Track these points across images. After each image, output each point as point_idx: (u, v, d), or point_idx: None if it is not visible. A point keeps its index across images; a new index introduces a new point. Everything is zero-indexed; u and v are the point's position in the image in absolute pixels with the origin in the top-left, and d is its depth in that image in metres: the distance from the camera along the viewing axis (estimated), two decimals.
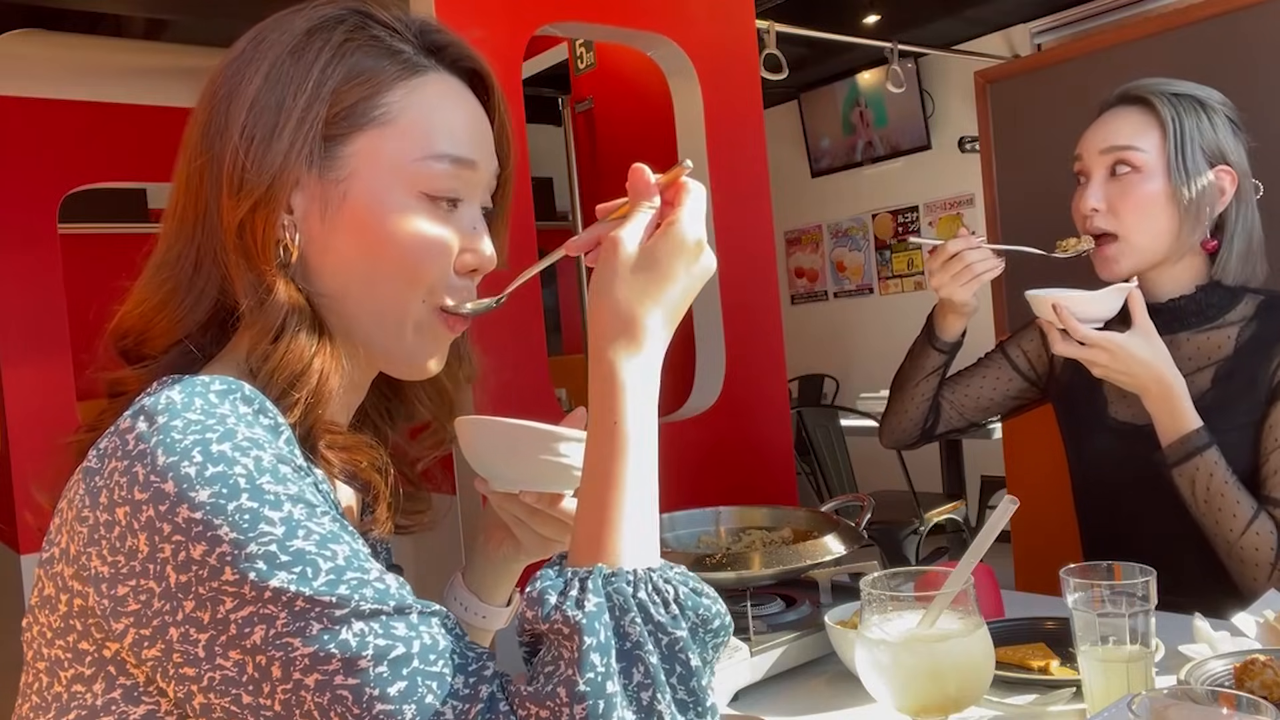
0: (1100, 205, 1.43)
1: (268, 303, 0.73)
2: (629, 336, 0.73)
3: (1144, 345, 1.33)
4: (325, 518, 0.65)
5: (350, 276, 0.77)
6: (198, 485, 0.62)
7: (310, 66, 0.75)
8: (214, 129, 0.75)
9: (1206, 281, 1.45)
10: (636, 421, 0.71)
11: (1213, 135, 1.41)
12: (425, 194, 0.77)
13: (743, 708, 1.13)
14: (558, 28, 2.12)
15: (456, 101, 0.80)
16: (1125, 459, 1.46)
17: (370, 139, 0.76)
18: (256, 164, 0.73)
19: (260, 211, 0.73)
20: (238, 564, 0.61)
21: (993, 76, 2.17)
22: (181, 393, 0.67)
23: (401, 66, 0.77)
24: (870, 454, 4.54)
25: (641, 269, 0.74)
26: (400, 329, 0.79)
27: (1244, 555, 1.32)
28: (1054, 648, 1.13)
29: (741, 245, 2.20)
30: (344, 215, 0.75)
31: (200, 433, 0.64)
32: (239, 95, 0.75)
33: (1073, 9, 4.99)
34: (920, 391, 1.64)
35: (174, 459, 0.63)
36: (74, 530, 0.66)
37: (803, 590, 1.34)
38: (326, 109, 0.75)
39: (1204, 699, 0.69)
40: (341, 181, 0.75)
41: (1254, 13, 1.75)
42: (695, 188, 0.78)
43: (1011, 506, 0.90)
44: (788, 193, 6.23)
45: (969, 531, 4.15)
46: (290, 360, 0.73)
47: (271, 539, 0.62)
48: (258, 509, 0.62)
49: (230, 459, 0.63)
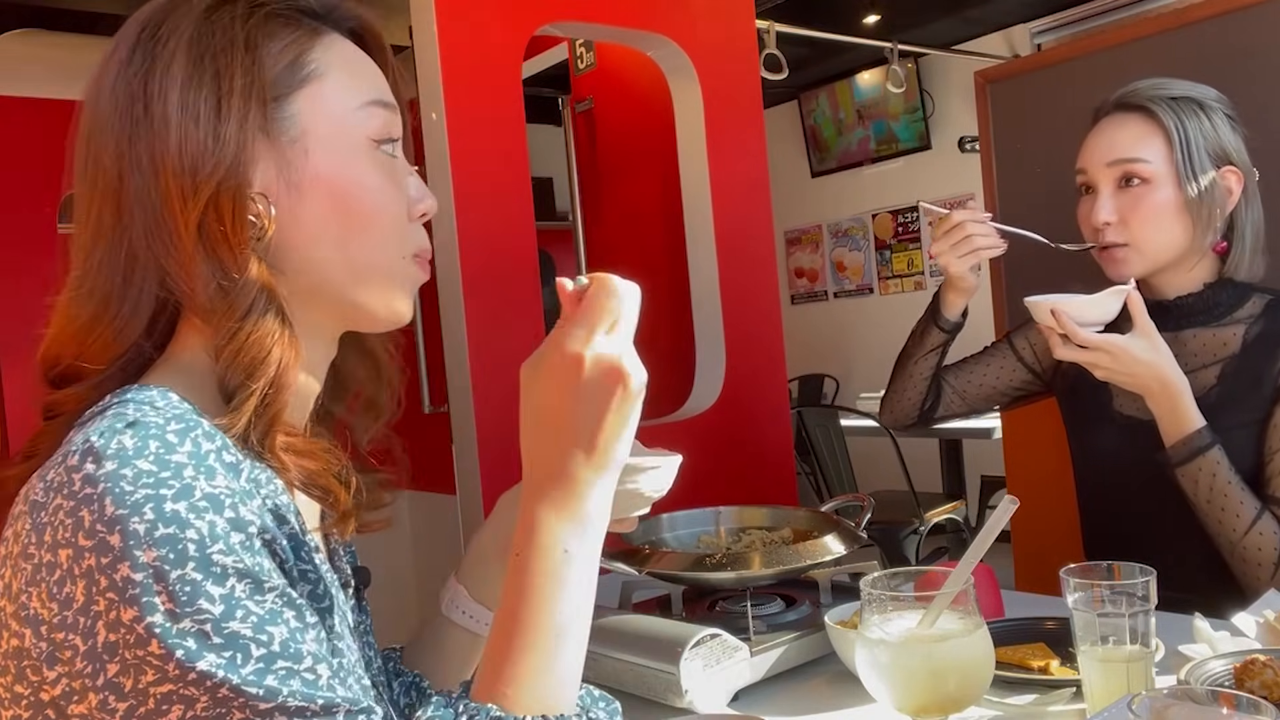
0: (1112, 218, 1.43)
1: (238, 285, 0.70)
2: (547, 482, 0.70)
3: (1145, 346, 1.33)
4: (270, 594, 0.62)
5: (323, 239, 0.74)
6: (145, 544, 0.58)
7: (233, 37, 0.72)
8: (132, 125, 0.71)
9: (1215, 279, 1.45)
10: (548, 568, 0.68)
11: (1215, 136, 1.41)
12: (373, 140, 0.76)
13: (743, 708, 1.13)
14: (558, 28, 2.12)
15: (359, 54, 0.80)
16: (1130, 454, 1.46)
17: (309, 95, 0.74)
18: (208, 145, 0.70)
19: (224, 195, 0.70)
20: (166, 638, 0.58)
21: (993, 76, 2.17)
22: (134, 437, 0.62)
23: (310, 28, 0.76)
24: (870, 454, 4.55)
25: (534, 411, 0.71)
26: (380, 282, 0.77)
27: (1246, 555, 1.32)
28: (1054, 648, 1.13)
29: (741, 245, 2.20)
30: (308, 175, 0.73)
31: (154, 487, 0.60)
32: (160, 83, 0.71)
33: (1073, 9, 5.00)
34: (919, 370, 1.65)
35: (123, 512, 0.59)
36: (18, 566, 0.62)
37: (803, 590, 1.34)
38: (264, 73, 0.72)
39: (1204, 699, 0.69)
40: (297, 142, 0.73)
41: (1254, 13, 1.75)
42: (594, 297, 0.71)
43: (1011, 506, 0.90)
44: (788, 193, 6.22)
45: (969, 531, 4.14)
46: (254, 344, 0.70)
47: (207, 618, 0.59)
48: (200, 582, 0.59)
49: (183, 521, 0.60)
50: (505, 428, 1.90)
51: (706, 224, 2.17)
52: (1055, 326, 1.36)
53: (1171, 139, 1.40)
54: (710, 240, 2.17)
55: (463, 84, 1.84)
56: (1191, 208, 1.40)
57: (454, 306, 1.88)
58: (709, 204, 2.17)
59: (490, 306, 1.90)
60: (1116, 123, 1.44)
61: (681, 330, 2.32)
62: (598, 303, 0.71)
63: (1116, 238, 1.43)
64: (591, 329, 0.70)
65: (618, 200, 2.70)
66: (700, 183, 2.18)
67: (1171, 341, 1.38)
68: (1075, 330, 1.34)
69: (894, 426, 1.74)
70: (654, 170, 2.51)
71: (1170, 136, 1.40)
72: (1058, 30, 5.09)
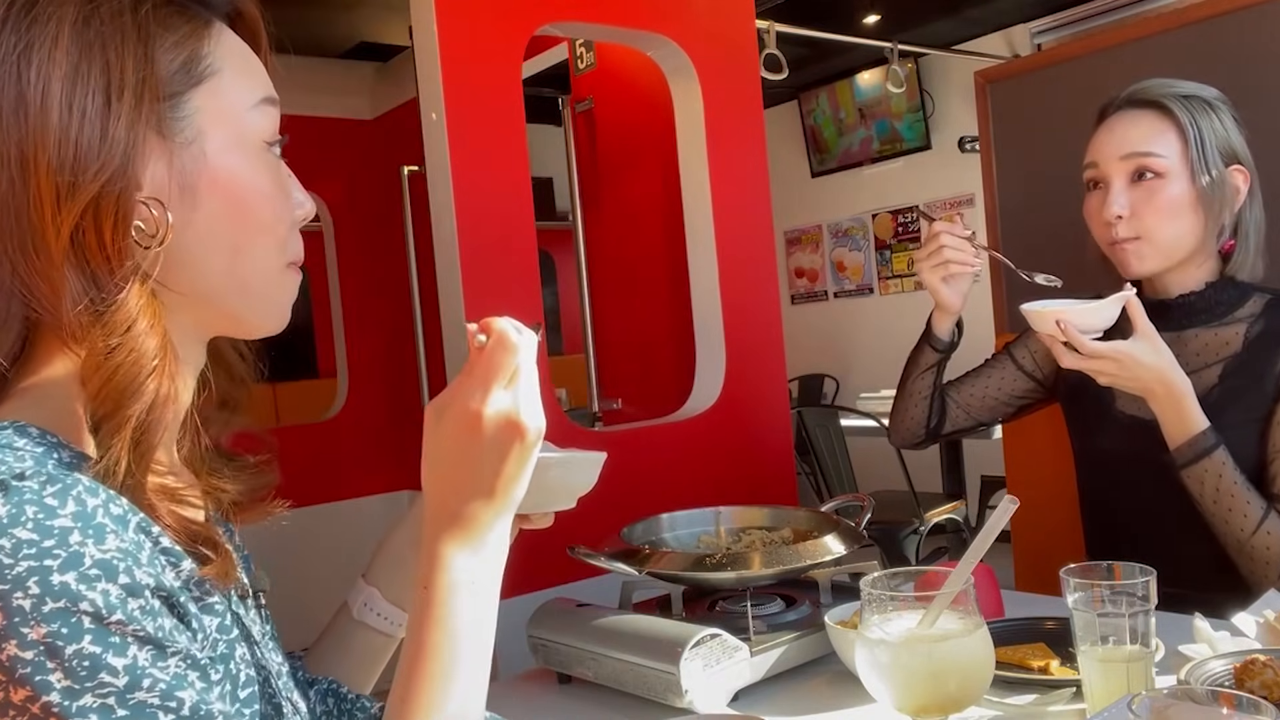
0: (1124, 212, 1.43)
1: (113, 302, 0.63)
2: (449, 521, 0.72)
3: (1149, 350, 1.33)
4: (173, 659, 0.59)
5: (215, 246, 0.69)
6: (32, 621, 0.54)
7: (123, 26, 0.65)
8: (1, 115, 0.63)
9: (1217, 278, 1.46)
10: (452, 599, 0.70)
11: (1224, 135, 1.42)
12: (265, 142, 0.72)
13: (743, 708, 1.14)
14: (558, 28, 2.12)
15: (244, 46, 0.74)
16: (1133, 453, 1.47)
17: (205, 94, 0.69)
18: (94, 144, 0.63)
19: (107, 200, 0.63)
20: (67, 715, 0.54)
21: (993, 76, 2.17)
22: (7, 504, 0.56)
23: (199, 18, 0.70)
24: (870, 454, 4.55)
25: (437, 455, 0.72)
26: (263, 290, 0.73)
27: (1254, 554, 1.33)
28: (1054, 648, 1.13)
29: (741, 245, 2.20)
30: (204, 178, 0.68)
31: (37, 559, 0.54)
32: (37, 71, 0.63)
33: (1073, 9, 5.00)
34: (918, 388, 1.65)
35: (4, 588, 0.54)
36: None
37: (803, 590, 1.34)
38: (158, 68, 0.66)
39: (1204, 699, 0.69)
40: (193, 143, 0.68)
41: (1254, 13, 1.75)
42: (491, 353, 0.72)
43: (1011, 506, 0.90)
44: (788, 193, 6.23)
45: (969, 531, 4.14)
46: (127, 372, 0.63)
47: (111, 690, 0.55)
48: (99, 655, 0.55)
49: (75, 594, 0.55)
50: None
51: (706, 224, 2.17)
52: (1059, 335, 1.35)
53: (1186, 135, 1.40)
54: (710, 240, 2.17)
55: (463, 84, 1.84)
56: (1203, 203, 1.40)
57: (454, 307, 1.88)
58: (709, 204, 2.16)
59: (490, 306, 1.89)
60: (1130, 118, 1.45)
61: (681, 330, 2.32)
62: (495, 359, 0.71)
63: (1127, 232, 1.43)
64: (488, 386, 0.71)
65: (618, 200, 2.70)
66: (700, 183, 2.18)
67: (1174, 341, 1.38)
68: (1082, 341, 1.33)
69: (903, 446, 1.74)
70: (654, 170, 2.51)
71: (1185, 133, 1.40)
72: (1058, 30, 5.09)
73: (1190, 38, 1.83)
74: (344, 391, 3.31)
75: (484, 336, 0.73)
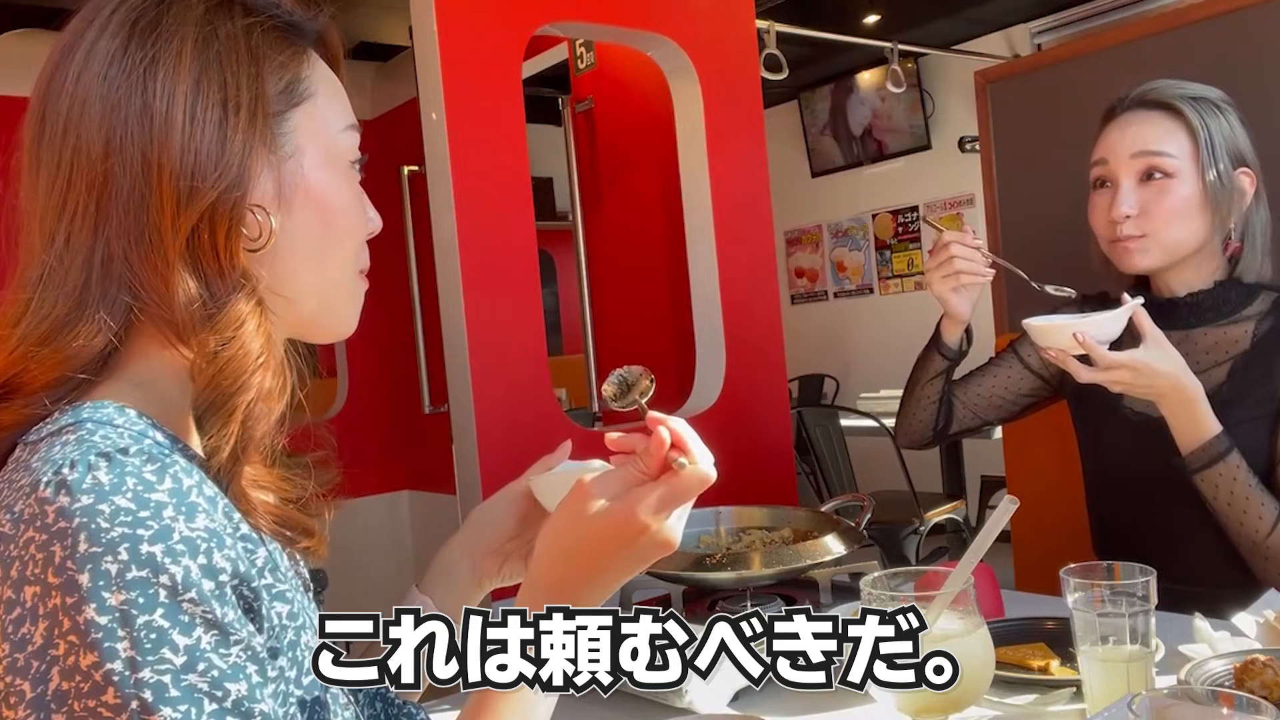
0: (1133, 211, 1.42)
1: (227, 306, 0.68)
2: (552, 599, 0.72)
3: (1162, 357, 1.32)
4: (235, 647, 0.61)
5: (305, 255, 0.75)
6: (115, 586, 0.57)
7: (237, 47, 0.71)
8: (128, 119, 0.68)
9: (1224, 277, 1.46)
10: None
11: (1233, 136, 1.43)
12: (352, 162, 0.79)
13: (743, 708, 1.13)
14: (558, 28, 2.12)
15: (333, 75, 0.80)
16: (1141, 451, 1.47)
17: (304, 114, 0.75)
18: (215, 152, 0.68)
19: (223, 205, 0.68)
20: (124, 687, 0.56)
21: (993, 76, 2.17)
22: (110, 474, 0.60)
23: (298, 44, 0.76)
24: (870, 454, 4.55)
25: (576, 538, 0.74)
26: (341, 297, 0.79)
27: (1270, 554, 1.33)
28: (1054, 648, 1.13)
29: (741, 245, 2.20)
30: (300, 191, 0.74)
31: (131, 526, 0.58)
32: (164, 82, 0.68)
33: (1073, 9, 5.00)
34: (926, 394, 1.64)
35: (97, 550, 0.57)
36: None
37: (803, 590, 1.34)
38: (267, 87, 0.72)
39: (1204, 699, 0.69)
40: (293, 157, 0.74)
41: (1255, 13, 1.75)
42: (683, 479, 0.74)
43: (1011, 506, 0.90)
44: (788, 193, 6.22)
45: (969, 531, 4.15)
46: (236, 367, 0.68)
47: (168, 669, 0.57)
48: (166, 630, 0.58)
49: (158, 565, 0.58)
50: (505, 428, 1.90)
51: (706, 224, 2.18)
52: (1074, 350, 1.33)
53: (1196, 136, 1.40)
54: (710, 240, 2.17)
55: (463, 84, 1.84)
56: (1211, 205, 1.41)
57: (454, 306, 1.88)
58: (709, 204, 2.17)
59: (490, 306, 1.90)
60: (1140, 117, 1.44)
61: (681, 330, 2.32)
62: (689, 490, 0.74)
63: (1133, 230, 1.43)
64: (668, 510, 0.74)
65: (618, 200, 2.70)
66: (700, 183, 2.18)
67: (1182, 340, 1.38)
68: (1102, 353, 1.31)
69: (910, 448, 1.73)
70: (654, 170, 2.51)
71: (1195, 133, 1.40)
72: (1058, 30, 5.09)
73: (1190, 38, 1.83)
74: (344, 391, 3.31)
75: (684, 460, 0.74)
